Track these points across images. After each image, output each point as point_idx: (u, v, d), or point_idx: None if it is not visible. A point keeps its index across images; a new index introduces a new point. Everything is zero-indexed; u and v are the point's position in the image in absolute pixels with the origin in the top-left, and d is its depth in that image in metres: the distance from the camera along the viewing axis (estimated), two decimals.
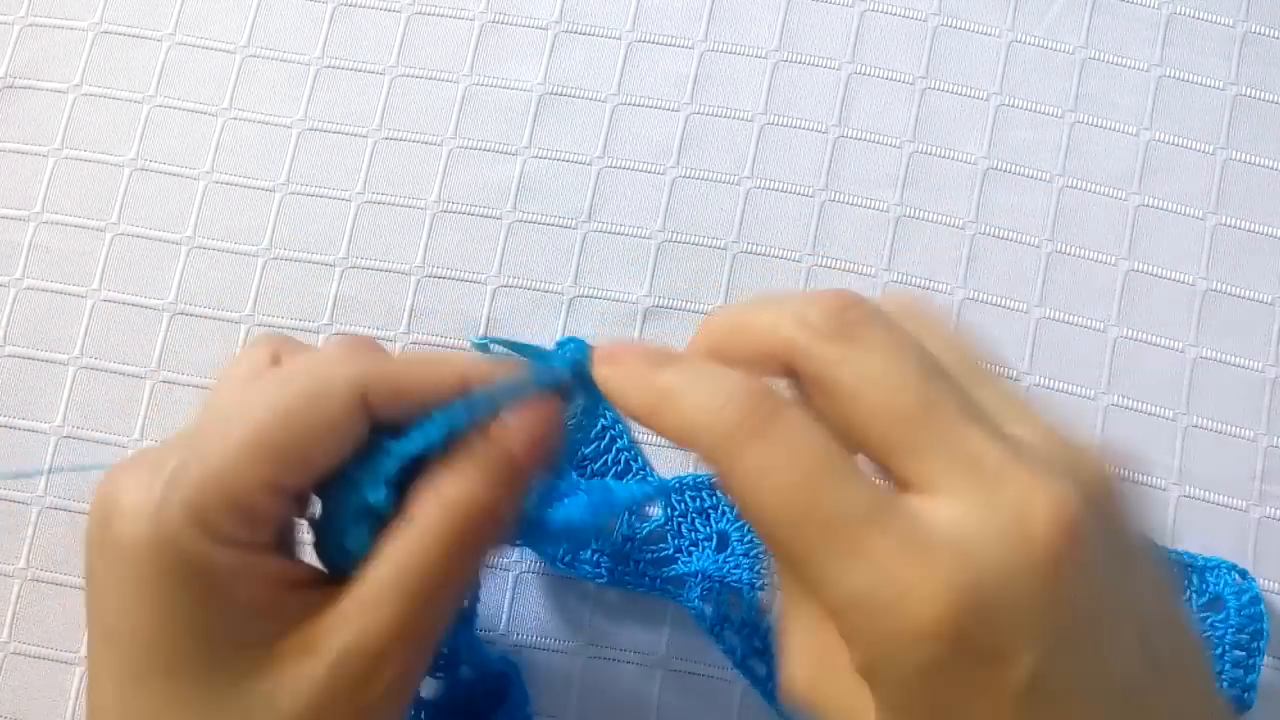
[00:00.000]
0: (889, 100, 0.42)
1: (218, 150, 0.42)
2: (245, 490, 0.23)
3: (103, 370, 0.40)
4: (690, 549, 0.37)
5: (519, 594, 0.37)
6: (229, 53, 0.43)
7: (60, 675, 0.38)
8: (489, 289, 0.40)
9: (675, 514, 0.37)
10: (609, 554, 0.36)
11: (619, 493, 0.34)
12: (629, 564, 0.37)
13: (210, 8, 0.43)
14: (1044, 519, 0.20)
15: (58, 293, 0.40)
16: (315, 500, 0.26)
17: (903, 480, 0.22)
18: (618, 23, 0.42)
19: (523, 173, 0.41)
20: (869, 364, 0.22)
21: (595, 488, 0.34)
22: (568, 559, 0.36)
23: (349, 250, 0.41)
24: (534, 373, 0.26)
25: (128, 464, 0.24)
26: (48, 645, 0.38)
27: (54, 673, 0.38)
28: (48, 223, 0.41)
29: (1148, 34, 0.42)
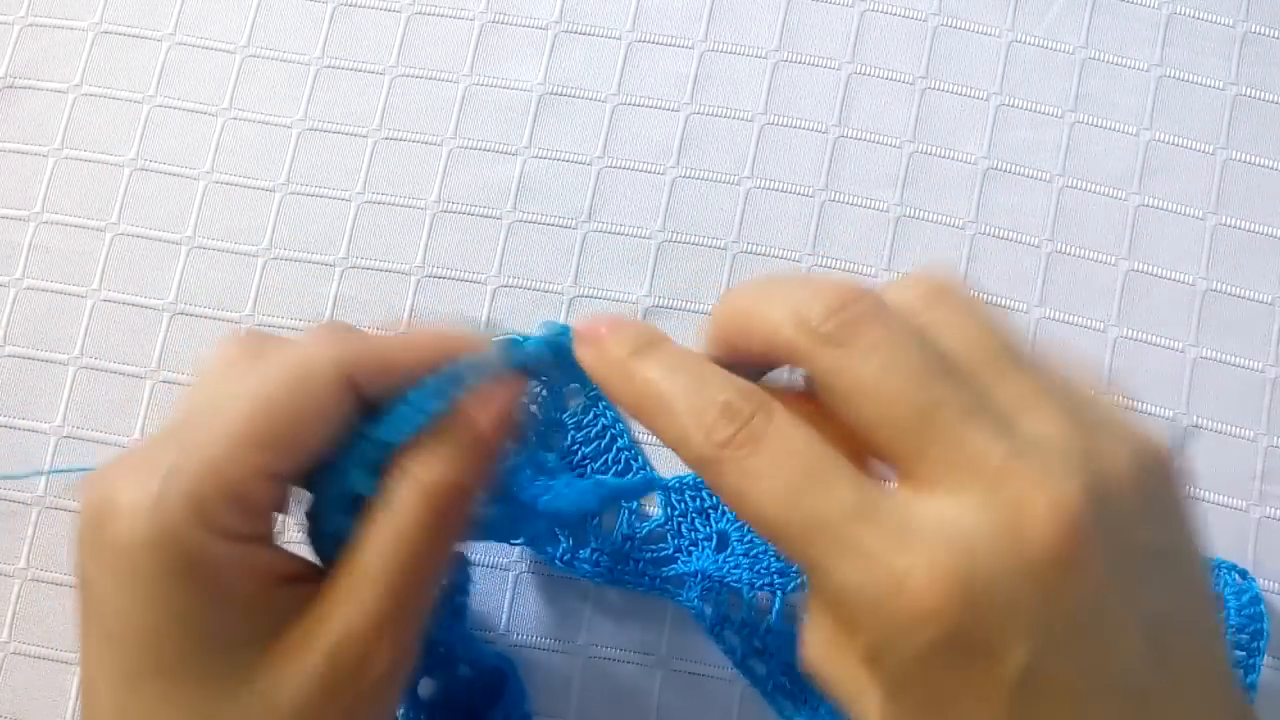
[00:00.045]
0: (889, 100, 0.42)
1: (218, 150, 0.42)
2: (242, 480, 0.23)
3: (103, 370, 0.40)
4: (690, 549, 0.37)
5: (519, 594, 0.37)
6: (229, 53, 0.43)
7: (60, 675, 0.38)
8: (489, 289, 0.40)
9: (675, 514, 0.37)
10: (609, 553, 0.36)
11: (611, 481, 0.34)
12: (629, 563, 0.37)
13: (210, 8, 0.43)
14: (1042, 519, 0.20)
15: (58, 293, 0.40)
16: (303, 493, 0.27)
17: (906, 479, 0.22)
18: (618, 23, 0.42)
19: (523, 173, 0.41)
20: (867, 369, 0.22)
21: (588, 480, 0.34)
22: (567, 558, 0.36)
23: (349, 250, 0.41)
24: (503, 351, 0.26)
25: (117, 465, 0.24)
26: (48, 645, 0.38)
27: (54, 673, 0.38)
28: (48, 223, 0.41)
29: (1148, 34, 0.42)
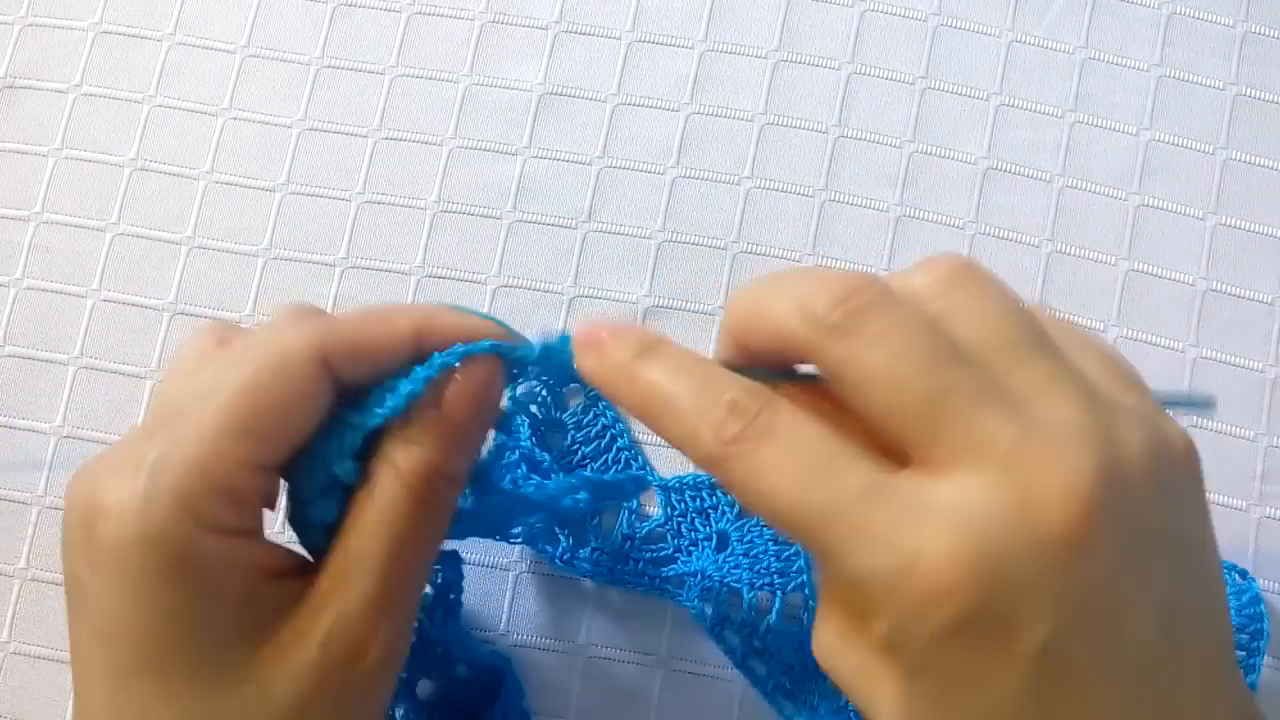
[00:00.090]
0: (889, 100, 0.42)
1: (218, 150, 0.42)
2: (227, 472, 0.23)
3: (103, 370, 0.40)
4: (690, 549, 0.37)
5: (519, 594, 0.37)
6: (229, 53, 0.43)
7: (60, 675, 0.38)
8: (489, 289, 0.40)
9: (675, 514, 0.37)
10: (609, 553, 0.37)
11: (595, 476, 0.34)
12: (628, 563, 0.37)
13: (210, 8, 0.43)
14: (1055, 499, 0.20)
15: (58, 293, 0.40)
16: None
17: (918, 465, 0.22)
18: (618, 23, 0.42)
19: (523, 173, 0.41)
20: (875, 357, 0.22)
21: (578, 475, 0.34)
22: (567, 558, 0.36)
23: (349, 250, 0.41)
24: (490, 343, 0.26)
25: (101, 464, 0.24)
26: (48, 645, 0.38)
27: (54, 673, 0.38)
28: (48, 223, 0.41)
29: (1148, 34, 0.42)
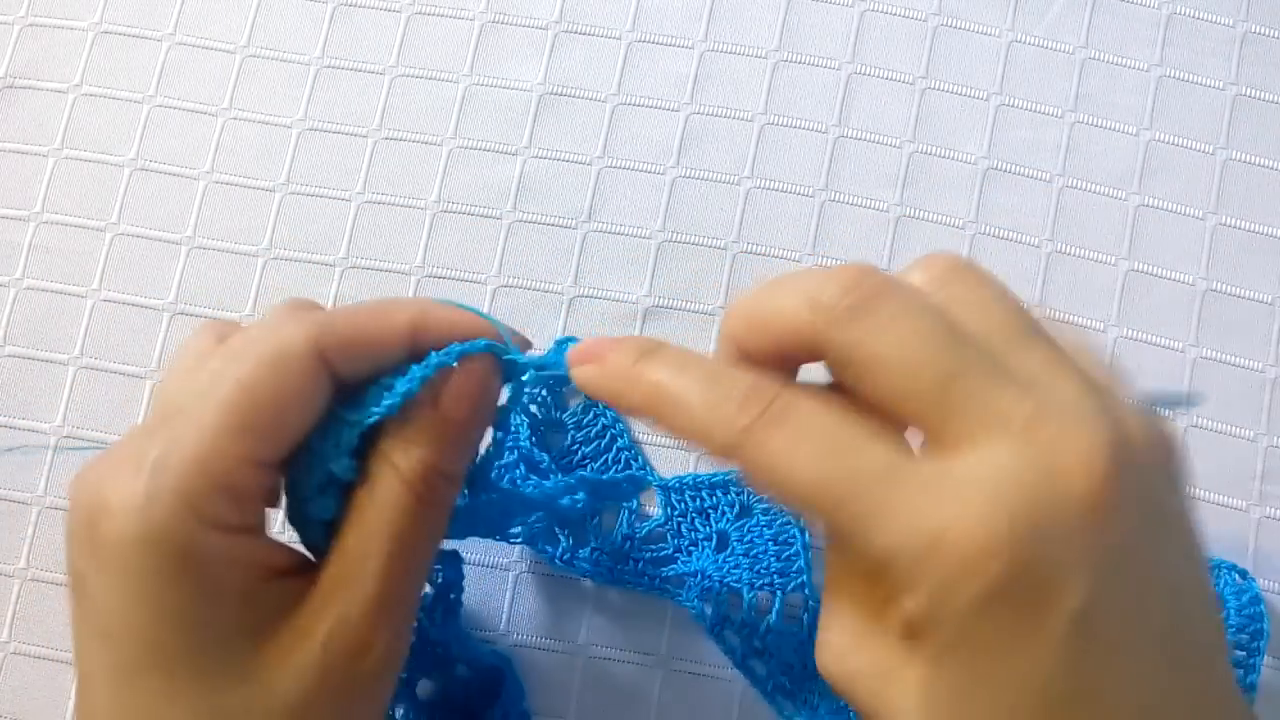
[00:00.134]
0: (889, 100, 0.42)
1: (218, 150, 0.42)
2: (228, 469, 0.23)
3: (103, 370, 0.40)
4: (690, 549, 0.37)
5: (518, 594, 0.37)
6: (229, 53, 0.43)
7: (60, 675, 0.38)
8: (489, 289, 0.40)
9: (675, 514, 0.37)
10: (608, 553, 0.37)
11: (593, 476, 0.34)
12: (629, 563, 0.37)
13: (210, 8, 0.43)
14: (1077, 465, 0.20)
15: (58, 293, 0.40)
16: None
17: (935, 444, 0.22)
18: (618, 23, 0.42)
19: (523, 173, 0.41)
20: (886, 340, 0.22)
21: (577, 475, 0.34)
22: (567, 558, 0.36)
23: (349, 250, 0.41)
24: (486, 343, 0.26)
25: (103, 462, 0.24)
26: (48, 645, 0.38)
27: (54, 673, 0.38)
28: (48, 223, 0.41)
29: (1148, 34, 0.42)
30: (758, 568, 0.36)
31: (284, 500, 0.27)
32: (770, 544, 0.37)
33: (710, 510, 0.37)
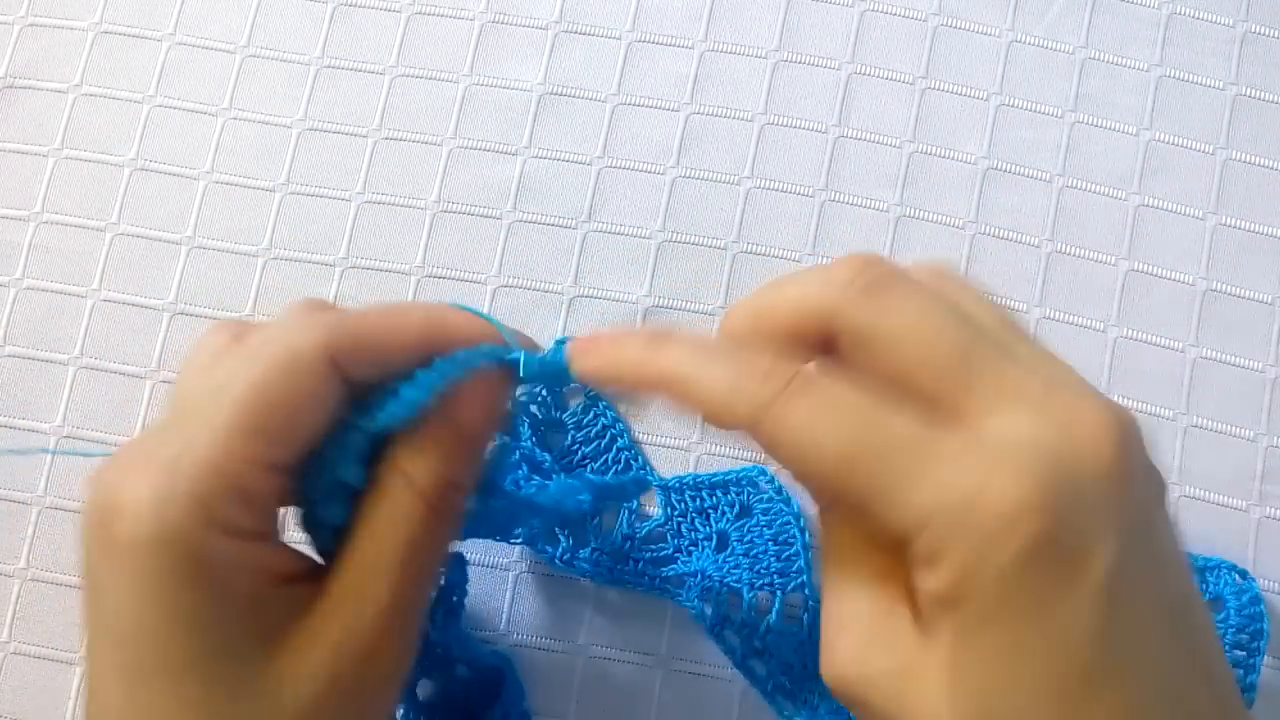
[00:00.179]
0: (889, 100, 0.42)
1: (218, 150, 0.42)
2: (241, 473, 0.23)
3: (103, 370, 0.40)
4: (690, 549, 0.37)
5: (518, 594, 0.37)
6: (229, 53, 0.43)
7: (60, 675, 0.38)
8: (489, 289, 0.40)
9: (675, 514, 0.37)
10: (608, 553, 0.36)
11: (599, 479, 0.34)
12: (629, 563, 0.37)
13: (210, 8, 0.43)
14: (1096, 434, 0.21)
15: (58, 293, 0.40)
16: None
17: (955, 415, 0.22)
18: (618, 23, 0.42)
19: (523, 173, 0.41)
20: (906, 312, 0.23)
21: (579, 477, 0.34)
22: (567, 558, 0.36)
23: (349, 250, 0.41)
24: (489, 348, 0.26)
25: (118, 462, 0.24)
26: (48, 645, 0.38)
27: (54, 673, 0.38)
28: (48, 223, 0.41)
29: (1148, 34, 0.42)
30: (758, 568, 0.36)
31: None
32: (770, 544, 0.37)
33: (710, 510, 0.37)
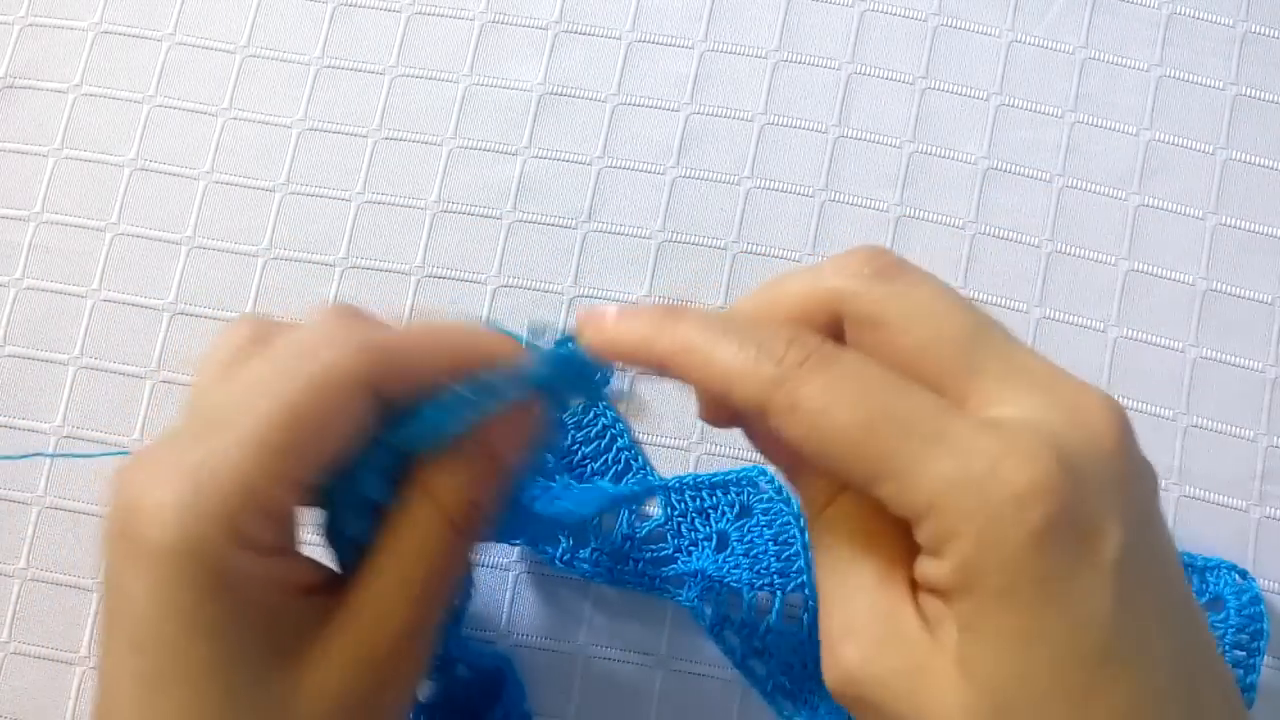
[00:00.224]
0: (889, 100, 0.42)
1: (218, 150, 0.42)
2: (269, 490, 0.23)
3: (103, 370, 0.40)
4: (690, 549, 0.37)
5: (518, 594, 0.37)
6: (229, 53, 0.43)
7: (60, 675, 0.38)
8: (489, 289, 0.40)
9: (675, 514, 0.37)
10: (608, 553, 0.36)
11: (612, 489, 0.34)
12: (628, 563, 0.37)
13: (210, 8, 0.43)
14: (1102, 416, 0.22)
15: (58, 293, 0.40)
16: None
17: (967, 396, 0.23)
18: (618, 23, 0.42)
19: (523, 173, 0.41)
20: (917, 296, 0.23)
21: (590, 488, 0.34)
22: (567, 558, 0.36)
23: (349, 250, 0.41)
24: (526, 371, 0.26)
25: (142, 465, 0.24)
26: (48, 645, 0.38)
27: (54, 673, 0.38)
28: (48, 223, 0.41)
29: (1148, 34, 0.42)
30: (758, 568, 0.36)
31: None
32: (770, 544, 0.37)
33: (710, 510, 0.37)
